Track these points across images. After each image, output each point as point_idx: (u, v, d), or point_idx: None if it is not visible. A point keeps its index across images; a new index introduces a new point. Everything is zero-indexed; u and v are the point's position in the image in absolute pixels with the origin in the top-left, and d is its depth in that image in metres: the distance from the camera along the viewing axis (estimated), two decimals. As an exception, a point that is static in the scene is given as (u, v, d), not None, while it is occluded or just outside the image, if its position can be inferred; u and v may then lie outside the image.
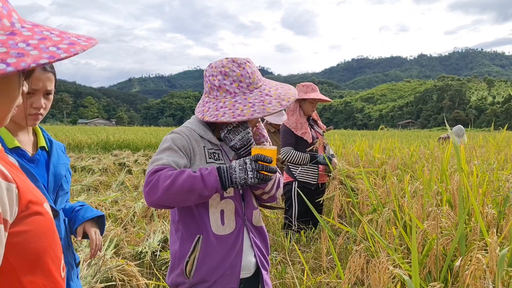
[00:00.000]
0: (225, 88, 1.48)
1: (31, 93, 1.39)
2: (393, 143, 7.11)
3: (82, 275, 2.81)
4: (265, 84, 1.54)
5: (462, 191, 2.25)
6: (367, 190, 3.31)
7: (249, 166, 1.34)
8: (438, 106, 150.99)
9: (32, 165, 1.43)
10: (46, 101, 1.45)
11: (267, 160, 1.35)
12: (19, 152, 1.40)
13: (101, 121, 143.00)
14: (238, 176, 1.33)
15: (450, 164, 3.85)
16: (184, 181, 1.30)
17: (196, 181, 1.31)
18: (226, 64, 1.49)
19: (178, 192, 1.30)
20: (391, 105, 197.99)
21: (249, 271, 1.58)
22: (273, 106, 1.42)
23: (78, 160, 11.52)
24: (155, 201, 1.34)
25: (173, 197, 1.32)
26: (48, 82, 1.43)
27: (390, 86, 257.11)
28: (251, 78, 1.48)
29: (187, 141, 1.47)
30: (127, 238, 3.96)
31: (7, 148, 1.37)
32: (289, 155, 3.78)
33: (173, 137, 1.48)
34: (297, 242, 4.03)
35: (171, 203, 1.36)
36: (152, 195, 1.34)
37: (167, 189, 1.30)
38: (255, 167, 1.34)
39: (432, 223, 2.06)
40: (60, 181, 1.52)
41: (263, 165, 1.34)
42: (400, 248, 2.34)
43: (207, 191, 1.32)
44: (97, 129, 37.08)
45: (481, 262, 1.57)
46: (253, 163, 1.34)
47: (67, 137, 19.73)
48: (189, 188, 1.30)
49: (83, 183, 7.42)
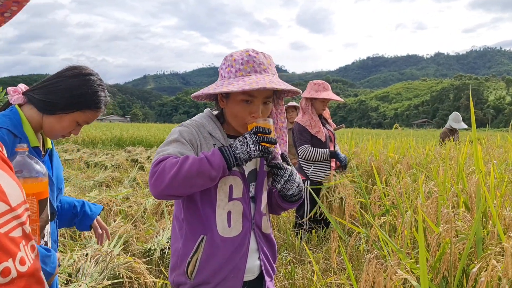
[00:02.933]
0: (221, 72, 1.48)
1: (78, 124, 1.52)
2: (408, 142, 6.98)
3: (89, 272, 2.79)
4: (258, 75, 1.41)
5: (480, 193, 2.16)
6: (379, 190, 3.22)
7: (249, 140, 1.32)
8: (454, 106, 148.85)
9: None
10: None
11: (266, 131, 1.33)
12: (37, 151, 1.46)
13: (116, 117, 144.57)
14: (241, 151, 1.30)
15: (467, 164, 3.75)
16: (191, 165, 1.26)
17: (202, 163, 1.27)
18: (236, 52, 1.46)
19: (185, 177, 1.26)
20: (406, 104, 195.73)
21: (253, 273, 1.53)
22: (236, 87, 1.34)
23: (92, 156, 11.62)
24: (162, 191, 1.29)
25: (181, 183, 1.27)
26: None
27: (405, 84, 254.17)
28: (243, 65, 1.40)
29: (194, 135, 1.43)
30: (137, 235, 3.95)
31: (30, 146, 1.41)
32: (308, 152, 3.73)
33: (181, 130, 1.44)
34: (308, 242, 3.97)
35: (179, 190, 1.30)
36: (158, 185, 1.29)
37: (174, 176, 1.26)
38: (256, 139, 1.32)
39: (446, 226, 1.98)
40: (61, 184, 1.58)
41: (263, 137, 1.33)
42: (413, 252, 2.26)
43: (214, 171, 1.28)
44: (111, 125, 37.45)
45: (496, 268, 1.49)
46: (253, 136, 1.32)
47: (82, 133, 19.92)
48: (197, 171, 1.26)
49: (96, 179, 7.46)
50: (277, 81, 1.39)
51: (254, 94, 1.39)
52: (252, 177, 1.53)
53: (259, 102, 1.41)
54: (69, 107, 1.42)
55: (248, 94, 1.39)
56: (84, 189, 6.54)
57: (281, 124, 1.60)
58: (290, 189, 1.46)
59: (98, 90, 1.48)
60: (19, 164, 0.99)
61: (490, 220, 2.20)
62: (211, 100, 1.57)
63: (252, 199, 1.52)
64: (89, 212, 1.70)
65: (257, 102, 1.40)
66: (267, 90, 1.40)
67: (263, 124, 1.36)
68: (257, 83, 1.33)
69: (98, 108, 1.49)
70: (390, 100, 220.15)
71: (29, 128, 1.42)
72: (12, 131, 1.36)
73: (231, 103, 1.44)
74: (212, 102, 1.58)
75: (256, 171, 1.54)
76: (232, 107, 1.44)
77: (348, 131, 21.02)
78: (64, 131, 1.48)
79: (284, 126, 1.61)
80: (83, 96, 1.43)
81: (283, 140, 1.61)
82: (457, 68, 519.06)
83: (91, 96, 1.44)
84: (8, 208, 0.81)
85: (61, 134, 1.49)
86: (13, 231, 0.82)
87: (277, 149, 1.58)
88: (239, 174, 1.46)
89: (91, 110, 1.46)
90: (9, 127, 1.36)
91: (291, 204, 1.56)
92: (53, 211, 1.48)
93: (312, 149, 3.74)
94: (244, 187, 1.47)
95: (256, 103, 1.40)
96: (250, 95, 1.39)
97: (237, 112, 1.42)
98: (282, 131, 1.61)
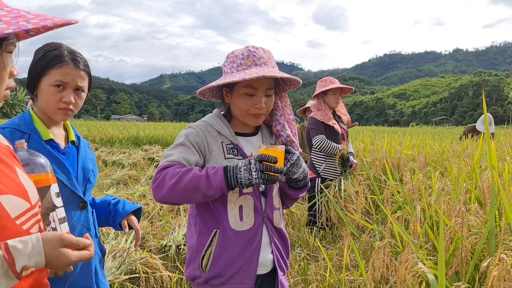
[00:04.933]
0: (224, 69, 1.53)
1: (61, 87, 1.46)
2: (424, 140, 6.92)
3: (107, 267, 2.86)
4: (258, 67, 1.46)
5: (494, 188, 2.15)
6: (392, 187, 3.22)
7: (253, 167, 1.31)
8: (474, 102, 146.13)
9: (64, 157, 1.51)
10: (77, 97, 1.51)
11: (271, 160, 1.31)
12: (52, 144, 1.49)
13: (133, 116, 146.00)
14: (243, 176, 1.31)
15: (482, 161, 3.71)
16: (190, 180, 1.31)
17: (201, 180, 1.31)
18: (237, 49, 1.52)
19: (182, 190, 1.32)
20: (424, 101, 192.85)
21: (266, 267, 1.56)
22: (237, 78, 1.39)
23: (110, 155, 11.79)
24: (161, 198, 1.37)
25: (178, 195, 1.34)
26: (79, 79, 1.49)
27: (423, 81, 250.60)
28: (244, 60, 1.47)
29: (201, 137, 1.48)
30: (153, 232, 4.02)
31: (42, 139, 1.45)
32: (323, 143, 3.76)
33: (188, 133, 1.50)
34: (322, 239, 3.98)
35: (177, 200, 1.37)
36: (158, 192, 1.36)
37: (172, 187, 1.32)
38: (259, 167, 1.31)
39: (459, 220, 1.98)
40: (88, 175, 1.59)
41: (268, 166, 1.31)
42: (425, 246, 2.26)
43: (212, 190, 1.32)
44: (128, 124, 37.91)
45: (507, 263, 1.49)
46: (257, 164, 1.32)
47: (100, 132, 20.25)
48: (194, 187, 1.31)
49: (113, 177, 7.59)
50: (276, 72, 1.44)
51: (256, 86, 1.45)
52: None
53: (261, 94, 1.46)
54: (36, 79, 1.46)
55: (250, 87, 1.45)
56: (102, 187, 6.67)
57: (287, 116, 1.64)
58: (296, 173, 1.48)
59: (49, 49, 1.47)
60: (22, 160, 1.02)
61: (503, 216, 2.19)
62: (217, 99, 1.63)
63: (263, 193, 1.55)
64: (120, 210, 1.70)
65: (259, 94, 1.46)
66: (268, 82, 1.47)
67: (272, 152, 1.34)
68: (257, 73, 1.38)
69: (60, 62, 1.45)
70: (407, 97, 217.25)
71: (40, 123, 1.48)
72: (19, 129, 1.43)
73: (235, 96, 1.50)
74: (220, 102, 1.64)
75: None
76: (236, 100, 1.50)
77: (363, 128, 20.86)
78: (52, 102, 1.45)
79: (291, 118, 1.65)
80: (38, 62, 1.45)
81: (292, 132, 1.63)
82: (476, 64, 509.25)
83: (43, 57, 1.45)
84: (29, 206, 0.86)
85: (55, 108, 1.47)
86: (32, 227, 0.87)
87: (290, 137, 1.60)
88: None
89: (53, 67, 1.45)
90: (15, 126, 1.44)
91: (296, 192, 1.58)
92: (82, 201, 1.53)
93: (327, 141, 3.77)
94: None
95: (259, 94, 1.46)
96: (252, 87, 1.45)
97: (241, 105, 1.48)
98: (290, 123, 1.64)
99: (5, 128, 1.44)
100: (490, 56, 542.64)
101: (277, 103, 1.61)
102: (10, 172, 0.84)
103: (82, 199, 1.53)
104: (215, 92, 1.60)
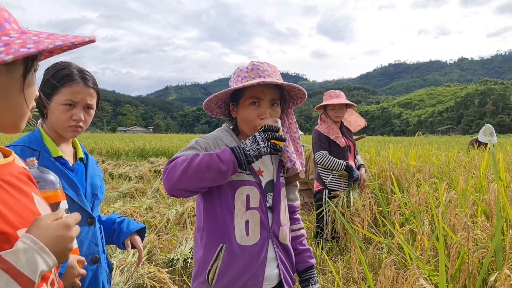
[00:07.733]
0: (230, 85, 1.56)
1: (72, 105, 1.50)
2: (430, 150, 6.89)
3: (114, 282, 2.87)
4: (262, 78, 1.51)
5: (500, 202, 2.15)
6: (399, 199, 3.22)
7: (259, 137, 1.37)
8: (480, 111, 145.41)
9: (72, 174, 1.54)
10: (86, 114, 1.56)
11: (275, 128, 1.38)
12: (61, 161, 1.53)
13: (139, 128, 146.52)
14: (251, 149, 1.35)
15: (489, 172, 3.70)
16: (201, 160, 1.33)
17: (212, 158, 1.33)
18: (242, 66, 1.57)
19: (195, 171, 1.32)
20: (430, 110, 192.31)
21: (272, 282, 1.57)
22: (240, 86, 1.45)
23: (116, 167, 11.81)
24: (173, 185, 1.35)
25: (191, 177, 1.32)
26: (89, 96, 1.54)
27: (428, 91, 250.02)
28: (248, 73, 1.51)
29: (211, 145, 1.52)
30: (160, 245, 4.03)
31: (51, 156, 1.49)
32: (325, 159, 3.76)
33: (198, 139, 1.54)
34: (329, 251, 3.97)
35: (190, 184, 1.35)
36: (170, 179, 1.35)
37: (185, 170, 1.32)
38: (265, 136, 1.37)
39: (465, 235, 1.98)
40: (96, 191, 1.63)
41: (272, 134, 1.37)
42: (433, 261, 2.26)
43: (224, 165, 1.32)
44: (134, 136, 38.05)
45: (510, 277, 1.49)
46: (262, 133, 1.37)
47: (106, 145, 20.33)
48: (206, 165, 1.32)
49: (120, 190, 7.61)
50: (278, 80, 1.49)
51: (260, 95, 1.49)
52: (270, 188, 1.58)
53: (266, 104, 1.50)
54: (46, 98, 1.49)
55: (255, 96, 1.49)
56: (109, 200, 6.69)
57: (293, 134, 1.66)
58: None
59: (58, 68, 1.51)
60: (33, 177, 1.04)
61: (510, 229, 2.18)
62: (225, 116, 1.66)
63: (270, 209, 1.56)
64: (124, 229, 1.72)
65: (264, 104, 1.50)
66: (273, 93, 1.51)
67: (272, 123, 1.42)
68: (258, 80, 1.44)
69: (71, 81, 1.49)
70: (413, 106, 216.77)
71: (49, 141, 1.52)
72: (29, 146, 1.47)
73: (241, 109, 1.53)
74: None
75: (273, 182, 1.60)
76: (242, 112, 1.53)
77: (369, 139, 20.80)
78: (62, 120, 1.49)
79: (297, 136, 1.66)
80: (48, 81, 1.49)
81: (298, 151, 1.65)
82: (481, 73, 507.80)
83: (53, 76, 1.49)
84: None
85: (65, 126, 1.51)
86: None
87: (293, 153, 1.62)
88: (256, 184, 1.52)
89: (64, 86, 1.49)
90: (25, 143, 1.48)
91: None
92: (90, 217, 1.56)
93: (329, 157, 3.76)
94: (261, 197, 1.52)
95: (263, 105, 1.50)
96: (256, 97, 1.49)
97: (247, 116, 1.51)
98: (296, 142, 1.65)
99: (16, 146, 1.47)
100: (496, 65, 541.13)
101: (284, 121, 1.64)
102: (28, 202, 0.85)
103: (90, 215, 1.56)
104: (223, 108, 1.63)
